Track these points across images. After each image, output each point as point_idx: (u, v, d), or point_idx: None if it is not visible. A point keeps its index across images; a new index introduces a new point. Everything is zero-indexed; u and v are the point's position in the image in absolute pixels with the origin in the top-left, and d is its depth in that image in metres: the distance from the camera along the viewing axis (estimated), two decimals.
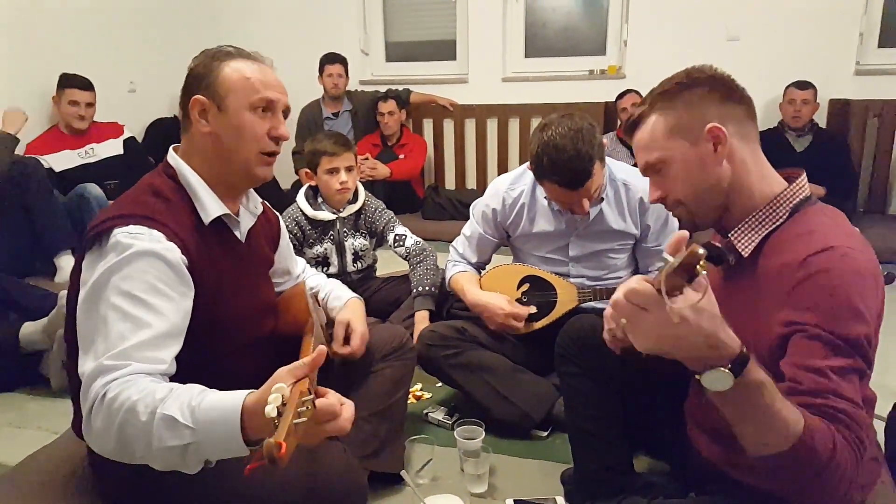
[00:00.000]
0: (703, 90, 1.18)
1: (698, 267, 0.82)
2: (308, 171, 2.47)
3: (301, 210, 2.48)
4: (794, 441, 0.93)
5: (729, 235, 1.18)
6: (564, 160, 1.77)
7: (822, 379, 0.99)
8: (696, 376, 0.91)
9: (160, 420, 0.99)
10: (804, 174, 1.18)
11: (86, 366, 1.10)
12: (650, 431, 1.58)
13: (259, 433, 0.99)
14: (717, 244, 1.14)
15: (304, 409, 0.92)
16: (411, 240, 2.53)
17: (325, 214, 2.47)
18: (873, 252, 1.09)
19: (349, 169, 2.42)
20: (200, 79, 1.31)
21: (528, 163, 2.15)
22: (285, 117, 1.37)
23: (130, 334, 1.10)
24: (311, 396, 0.95)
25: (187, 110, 1.31)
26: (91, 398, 1.05)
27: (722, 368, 0.89)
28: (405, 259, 2.54)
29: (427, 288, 2.38)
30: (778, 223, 1.14)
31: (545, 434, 1.93)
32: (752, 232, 1.16)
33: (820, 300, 1.01)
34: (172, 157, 1.34)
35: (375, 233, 2.59)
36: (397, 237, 2.53)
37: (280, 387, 0.94)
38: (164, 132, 4.42)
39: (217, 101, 1.29)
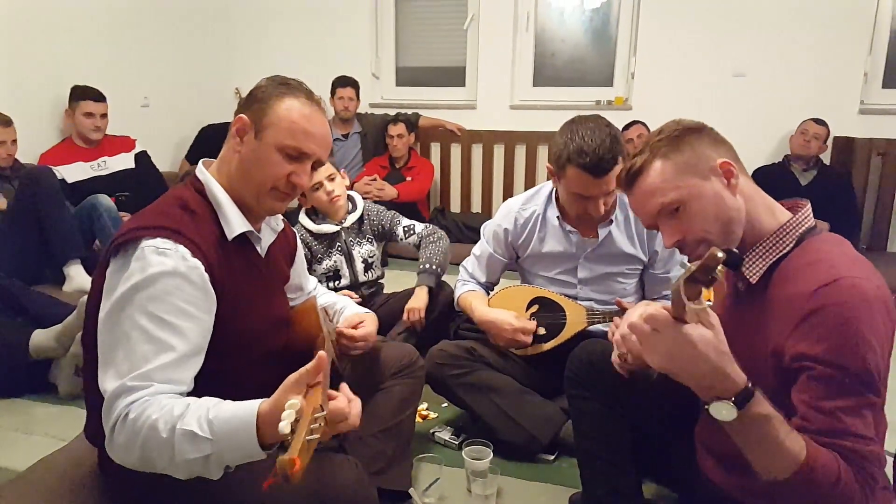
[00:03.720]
0: (698, 134, 1.23)
1: (717, 271, 0.86)
2: (302, 197, 2.50)
3: (305, 228, 2.50)
4: (794, 470, 0.98)
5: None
6: (595, 144, 1.79)
7: (832, 420, 1.02)
8: (705, 406, 0.98)
9: (180, 435, 1.04)
10: (808, 204, 1.22)
11: (108, 384, 1.13)
12: (659, 458, 1.59)
13: (274, 438, 1.03)
14: (734, 250, 1.14)
15: (317, 425, 0.95)
16: (420, 226, 2.57)
17: (329, 227, 2.50)
18: (881, 277, 1.10)
19: (331, 178, 2.43)
20: (256, 101, 1.33)
21: (539, 185, 2.19)
22: (316, 168, 1.38)
23: (154, 356, 1.13)
24: (324, 413, 0.97)
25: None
26: (114, 417, 1.09)
27: (727, 401, 0.96)
28: (417, 246, 2.55)
29: (432, 266, 2.41)
30: (785, 251, 1.17)
31: (552, 457, 1.93)
32: (760, 259, 1.19)
33: (829, 333, 1.03)
34: (201, 172, 1.36)
35: (383, 233, 2.60)
36: (406, 228, 2.57)
37: (293, 402, 0.97)
38: (218, 137, 4.40)
39: (258, 127, 1.31)
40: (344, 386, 1.13)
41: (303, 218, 2.53)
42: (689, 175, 1.20)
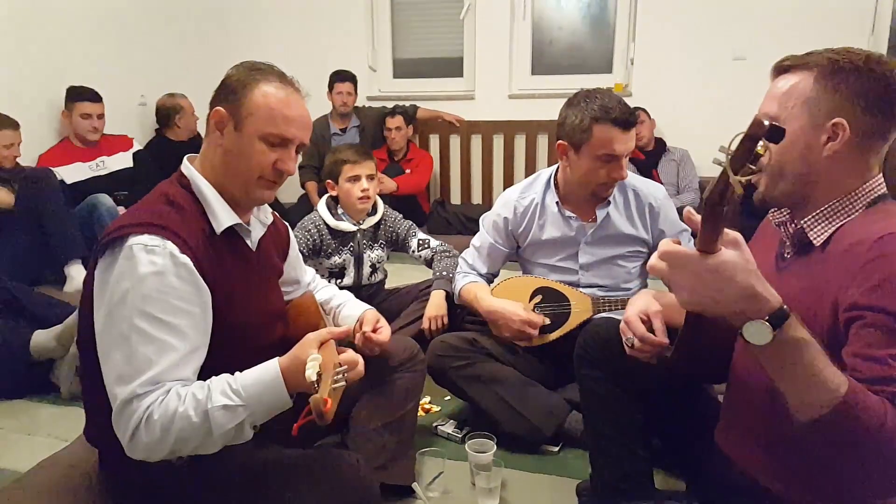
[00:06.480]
0: (864, 86, 1.10)
1: (760, 146, 0.81)
2: (329, 181, 2.51)
3: (322, 219, 2.50)
4: (835, 403, 0.92)
5: (802, 223, 1.16)
6: (616, 100, 1.88)
7: (882, 367, 0.97)
8: (740, 332, 0.92)
9: (214, 412, 1.13)
10: (881, 174, 1.15)
11: (115, 389, 1.15)
12: (671, 444, 1.57)
13: (296, 388, 1.18)
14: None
15: (339, 377, 1.10)
16: (435, 242, 2.59)
17: (347, 225, 2.49)
18: None
19: (370, 177, 2.46)
20: (230, 91, 1.32)
21: (536, 173, 2.17)
22: (300, 152, 1.39)
23: (157, 358, 1.15)
24: (344, 368, 1.13)
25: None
26: (134, 421, 1.14)
27: (761, 321, 0.90)
28: (429, 262, 2.56)
29: (449, 275, 2.41)
30: (852, 216, 1.12)
31: (556, 449, 1.92)
32: (826, 222, 1.13)
33: (883, 281, 0.99)
34: (186, 167, 1.36)
35: (396, 242, 2.62)
36: (421, 241, 2.59)
37: (315, 356, 1.12)
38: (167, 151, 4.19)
39: (236, 118, 1.30)
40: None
41: (321, 208, 2.53)
42: (807, 112, 1.12)
